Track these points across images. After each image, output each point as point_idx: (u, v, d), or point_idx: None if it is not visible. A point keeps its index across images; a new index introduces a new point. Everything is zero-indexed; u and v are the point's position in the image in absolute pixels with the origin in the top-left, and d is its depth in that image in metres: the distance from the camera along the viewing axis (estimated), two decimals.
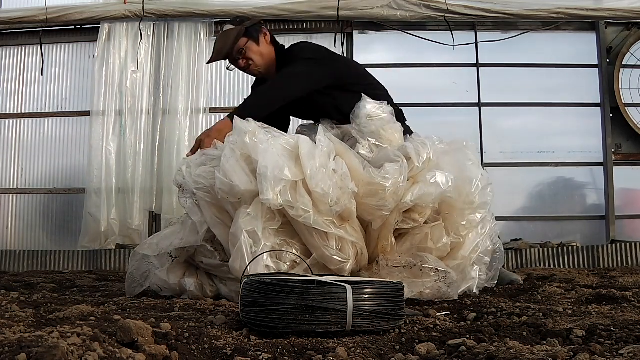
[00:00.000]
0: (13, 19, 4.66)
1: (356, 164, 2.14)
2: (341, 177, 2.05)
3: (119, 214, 4.55)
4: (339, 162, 2.11)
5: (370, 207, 2.08)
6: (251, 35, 2.64)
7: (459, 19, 4.61)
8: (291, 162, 2.03)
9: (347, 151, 2.21)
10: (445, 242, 2.18)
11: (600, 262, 4.00)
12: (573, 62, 4.90)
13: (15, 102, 4.93)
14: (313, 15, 4.65)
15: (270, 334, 1.37)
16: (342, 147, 2.23)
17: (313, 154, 2.04)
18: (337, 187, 2.02)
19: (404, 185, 2.10)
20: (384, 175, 2.08)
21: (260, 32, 2.68)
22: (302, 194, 1.98)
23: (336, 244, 2.03)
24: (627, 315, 1.54)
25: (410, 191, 2.12)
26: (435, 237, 2.18)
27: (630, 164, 4.82)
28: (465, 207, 2.24)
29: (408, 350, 1.26)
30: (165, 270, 2.19)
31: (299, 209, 1.95)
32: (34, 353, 0.99)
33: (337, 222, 2.05)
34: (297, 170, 2.01)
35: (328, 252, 2.00)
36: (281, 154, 2.03)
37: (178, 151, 4.55)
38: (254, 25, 2.68)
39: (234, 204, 2.04)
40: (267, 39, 2.70)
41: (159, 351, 1.16)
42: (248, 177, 2.01)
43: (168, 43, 4.77)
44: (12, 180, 4.88)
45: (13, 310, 1.75)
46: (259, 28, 2.70)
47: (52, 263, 4.15)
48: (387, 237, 2.16)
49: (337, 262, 2.02)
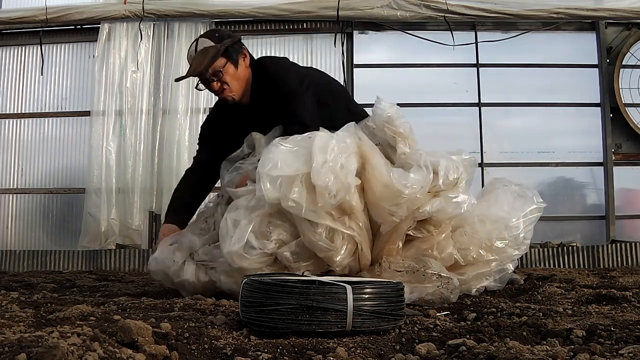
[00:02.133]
0: (13, 19, 4.67)
1: (381, 164, 2.10)
2: (346, 172, 2.02)
3: (119, 214, 4.55)
4: (350, 160, 2.06)
5: (383, 209, 2.06)
6: (230, 57, 2.40)
7: (459, 19, 4.61)
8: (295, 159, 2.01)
9: (375, 153, 2.14)
10: (449, 253, 2.18)
11: (600, 262, 4.01)
12: (573, 62, 4.91)
13: (15, 102, 4.94)
14: (313, 15, 4.65)
15: (270, 334, 1.37)
16: (370, 147, 2.15)
17: (325, 148, 2.01)
18: (339, 180, 1.99)
19: (421, 198, 2.06)
20: (404, 182, 2.04)
21: (240, 52, 2.44)
22: (298, 186, 1.97)
23: (326, 233, 2.01)
24: (627, 315, 1.53)
25: (430, 203, 2.10)
26: (440, 247, 2.18)
27: (630, 164, 4.83)
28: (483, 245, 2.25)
29: (408, 350, 1.26)
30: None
31: (291, 200, 1.95)
32: (34, 353, 0.99)
33: (336, 214, 2.03)
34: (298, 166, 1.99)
35: (315, 237, 2.00)
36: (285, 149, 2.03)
37: (178, 151, 4.56)
38: (234, 44, 2.42)
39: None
40: (247, 61, 2.47)
41: (159, 351, 1.16)
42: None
43: (168, 43, 4.77)
44: (12, 180, 4.88)
45: (13, 310, 1.75)
46: (239, 48, 2.45)
47: (52, 263, 4.15)
48: (396, 242, 2.15)
49: (323, 249, 2.01)
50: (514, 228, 2.31)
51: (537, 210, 2.40)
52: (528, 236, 2.35)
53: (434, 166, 2.13)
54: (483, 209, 2.33)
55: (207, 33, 2.51)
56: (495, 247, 2.26)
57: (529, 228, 2.36)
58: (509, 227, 2.30)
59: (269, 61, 2.57)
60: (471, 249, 2.23)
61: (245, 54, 2.47)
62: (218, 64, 2.37)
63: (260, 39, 4.92)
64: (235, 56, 2.42)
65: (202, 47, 2.37)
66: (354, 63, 4.85)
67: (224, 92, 2.44)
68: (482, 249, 2.24)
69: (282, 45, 4.93)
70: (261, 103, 2.49)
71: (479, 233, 2.26)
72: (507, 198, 2.39)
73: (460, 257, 2.21)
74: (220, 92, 2.45)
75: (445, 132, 4.85)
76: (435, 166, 2.13)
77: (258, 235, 2.04)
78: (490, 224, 2.28)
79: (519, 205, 2.37)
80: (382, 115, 2.26)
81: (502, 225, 2.29)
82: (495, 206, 2.37)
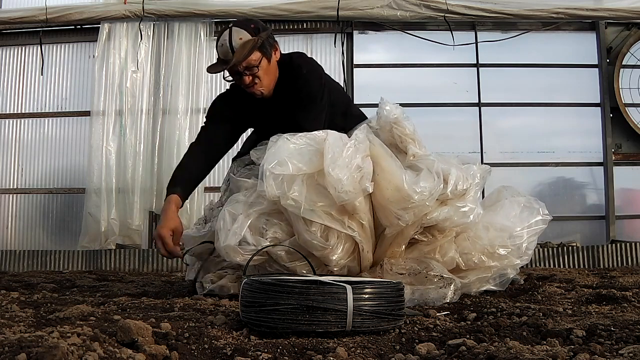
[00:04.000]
0: (13, 19, 4.67)
1: (393, 167, 2.07)
2: (362, 174, 2.00)
3: (119, 214, 4.55)
4: (367, 163, 2.04)
5: (390, 212, 2.03)
6: (265, 51, 2.32)
7: (459, 19, 4.61)
8: (301, 157, 2.00)
9: (386, 154, 2.11)
10: (451, 256, 2.17)
11: (600, 262, 4.00)
12: (573, 62, 4.91)
13: (15, 102, 4.94)
14: (313, 15, 4.66)
15: (270, 334, 1.37)
16: (382, 149, 2.13)
17: (341, 146, 2.01)
18: (353, 179, 1.97)
19: (429, 206, 2.04)
20: (414, 187, 2.00)
21: (273, 47, 2.37)
22: (299, 184, 1.97)
23: (321, 231, 2.00)
24: (627, 315, 1.53)
25: (437, 210, 2.08)
26: (443, 250, 2.17)
27: (630, 164, 4.83)
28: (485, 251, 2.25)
29: (408, 350, 1.26)
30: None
31: (289, 198, 1.94)
32: (34, 353, 0.99)
33: (337, 214, 2.01)
34: (308, 165, 1.98)
35: (309, 236, 1.99)
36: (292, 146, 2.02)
37: (178, 151, 4.56)
38: (268, 37, 2.34)
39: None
40: (277, 55, 2.40)
41: (159, 351, 1.16)
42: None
43: (168, 43, 4.78)
44: (12, 180, 4.89)
45: (13, 310, 1.75)
46: (273, 42, 2.38)
47: (52, 263, 4.15)
48: (400, 245, 2.15)
49: (318, 247, 1.99)
50: (517, 237, 2.29)
51: (542, 222, 2.38)
52: (531, 247, 2.33)
53: (444, 174, 2.10)
54: (489, 217, 2.32)
55: (242, 23, 2.39)
56: (497, 255, 2.24)
57: (533, 239, 2.34)
58: (513, 236, 2.28)
59: (302, 60, 2.47)
60: (473, 254, 2.22)
61: (276, 47, 2.40)
62: (253, 57, 2.28)
63: None
64: (269, 51, 2.34)
65: (237, 38, 2.27)
66: (354, 63, 4.86)
67: (254, 87, 2.35)
68: (484, 254, 2.22)
69: (282, 45, 4.85)
70: (284, 99, 2.41)
71: (482, 239, 2.24)
72: (514, 208, 2.37)
73: (461, 261, 2.20)
74: (250, 86, 2.35)
75: (445, 132, 4.85)
76: (446, 174, 2.10)
77: (254, 231, 2.04)
78: (494, 232, 2.27)
79: (525, 216, 2.35)
80: (388, 117, 2.23)
81: (506, 233, 2.28)
82: (501, 214, 2.35)
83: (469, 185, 2.15)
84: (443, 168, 2.11)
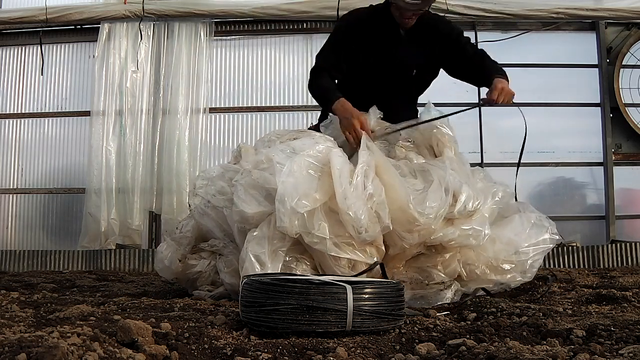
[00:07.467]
0: (13, 19, 4.67)
1: (397, 183, 2.03)
2: (377, 204, 1.94)
3: (119, 214, 4.55)
4: (376, 185, 1.99)
5: (395, 233, 2.00)
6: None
7: (459, 19, 4.61)
8: (315, 181, 1.94)
9: (389, 168, 2.08)
10: (453, 267, 2.15)
11: (600, 262, 4.00)
12: (573, 62, 4.91)
13: (15, 102, 4.94)
14: (313, 15, 4.65)
15: (270, 334, 1.37)
16: (384, 161, 2.10)
17: (347, 172, 1.95)
18: (372, 214, 1.91)
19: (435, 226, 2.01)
20: (420, 210, 1.97)
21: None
22: (320, 218, 1.90)
23: (349, 264, 1.96)
24: (627, 315, 1.53)
25: (443, 230, 2.05)
26: (445, 263, 2.15)
27: (630, 164, 4.83)
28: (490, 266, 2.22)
29: (408, 350, 1.26)
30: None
31: (314, 236, 1.89)
32: (34, 353, 0.99)
33: (358, 245, 1.96)
34: (320, 193, 1.92)
35: (339, 270, 1.94)
36: (305, 172, 1.96)
37: (178, 151, 4.56)
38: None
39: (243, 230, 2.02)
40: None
41: (159, 351, 1.16)
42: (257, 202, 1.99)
43: (168, 43, 4.78)
44: (12, 180, 4.89)
45: (13, 310, 1.75)
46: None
47: (52, 263, 4.15)
48: (401, 261, 2.14)
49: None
50: (523, 254, 2.25)
51: (550, 241, 2.35)
52: (536, 265, 2.29)
53: (455, 191, 2.07)
54: (497, 230, 2.28)
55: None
56: (501, 269, 2.21)
57: (538, 257, 2.30)
58: (519, 252, 2.24)
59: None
60: (477, 265, 2.19)
61: None
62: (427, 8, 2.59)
63: (260, 39, 4.92)
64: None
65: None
66: None
67: (408, 23, 2.60)
68: (488, 267, 2.19)
69: (282, 45, 4.93)
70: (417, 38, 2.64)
71: (488, 251, 2.21)
72: (523, 224, 2.33)
73: (464, 272, 2.17)
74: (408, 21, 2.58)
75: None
76: (457, 191, 2.08)
77: (283, 271, 1.96)
78: (500, 245, 2.23)
79: (533, 233, 2.31)
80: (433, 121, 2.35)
81: (512, 248, 2.24)
82: (509, 229, 2.31)
83: (478, 206, 2.11)
84: (455, 183, 2.08)
